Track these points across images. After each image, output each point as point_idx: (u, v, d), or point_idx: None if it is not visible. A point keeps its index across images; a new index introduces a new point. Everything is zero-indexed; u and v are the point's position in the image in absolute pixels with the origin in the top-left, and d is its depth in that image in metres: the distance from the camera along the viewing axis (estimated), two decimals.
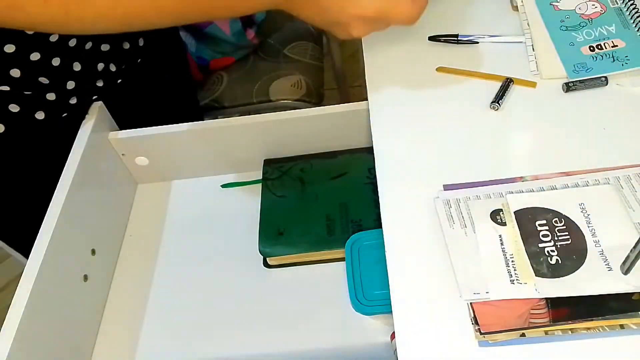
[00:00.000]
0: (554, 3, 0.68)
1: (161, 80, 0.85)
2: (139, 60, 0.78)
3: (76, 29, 0.52)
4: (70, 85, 0.68)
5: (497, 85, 0.63)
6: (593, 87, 0.59)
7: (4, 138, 0.68)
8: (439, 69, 0.66)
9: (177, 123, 0.74)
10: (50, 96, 0.68)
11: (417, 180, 0.55)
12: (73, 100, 0.70)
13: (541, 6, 0.68)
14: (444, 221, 0.51)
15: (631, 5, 0.65)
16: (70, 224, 0.62)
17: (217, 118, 1.17)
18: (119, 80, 0.75)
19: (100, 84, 0.73)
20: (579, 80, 0.59)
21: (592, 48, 0.62)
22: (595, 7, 0.65)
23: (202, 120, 1.01)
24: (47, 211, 0.61)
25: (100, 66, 0.71)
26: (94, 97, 0.73)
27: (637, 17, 0.63)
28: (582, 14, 0.65)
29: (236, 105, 1.20)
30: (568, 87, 0.59)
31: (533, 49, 0.64)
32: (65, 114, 0.70)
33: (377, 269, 0.59)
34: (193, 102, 1.02)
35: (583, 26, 0.64)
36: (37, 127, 0.69)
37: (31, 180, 0.74)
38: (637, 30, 0.63)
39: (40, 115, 0.68)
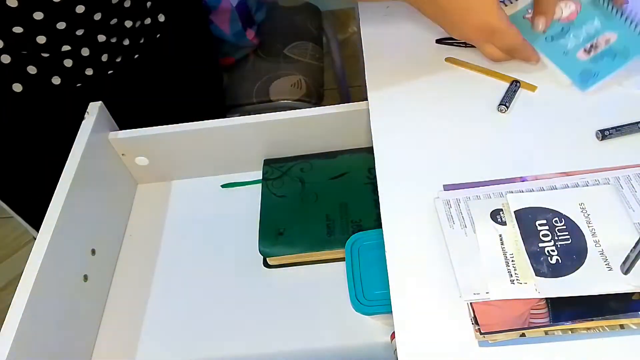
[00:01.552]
0: (526, 16, 0.64)
1: (183, 61, 0.86)
2: (157, 35, 0.79)
3: None
4: (86, 52, 0.70)
5: (497, 86, 0.63)
6: (630, 133, 0.55)
7: (22, 98, 0.70)
8: (447, 59, 0.66)
9: (200, 109, 0.76)
10: (68, 62, 0.69)
11: (417, 180, 0.55)
12: (89, 72, 0.71)
13: (516, 22, 0.61)
14: (444, 221, 0.51)
15: None
16: (70, 224, 0.62)
17: None
18: (136, 56, 0.76)
19: (118, 59, 0.74)
20: (614, 128, 0.55)
21: (587, 50, 0.60)
22: (570, 7, 0.62)
23: (225, 113, 1.02)
24: (48, 211, 0.61)
25: (120, 40, 0.72)
26: (110, 72, 0.74)
27: (614, 6, 0.60)
28: (559, 18, 0.63)
29: (236, 105, 1.20)
30: (604, 136, 0.54)
31: None
32: (80, 84, 0.72)
33: (377, 269, 0.59)
34: (218, 89, 1.03)
35: (567, 31, 0.62)
36: (52, 91, 0.71)
37: (39, 153, 0.76)
38: (622, 17, 0.59)
39: (56, 81, 0.70)
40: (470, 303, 0.45)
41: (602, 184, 0.51)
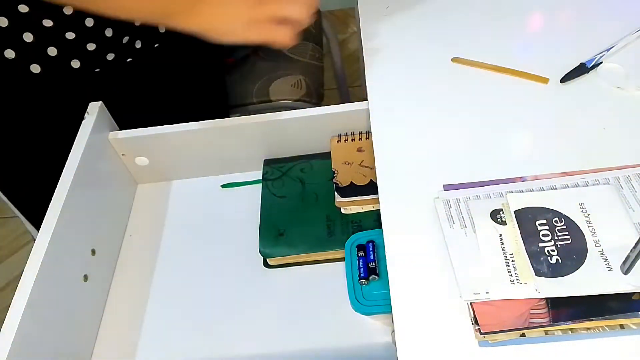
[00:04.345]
0: None
1: (194, 57, 0.87)
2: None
3: None
4: (109, 33, 0.70)
5: (498, 85, 0.63)
6: None
7: (40, 80, 0.70)
8: (454, 60, 0.66)
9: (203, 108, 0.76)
10: (90, 46, 0.69)
11: (417, 180, 0.55)
12: (110, 57, 0.72)
13: None
14: (444, 221, 0.51)
15: None
16: (70, 224, 0.62)
17: None
18: (156, 45, 0.77)
19: (138, 45, 0.74)
20: None
21: None
22: None
23: (229, 112, 1.02)
24: (48, 211, 0.61)
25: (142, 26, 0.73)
26: (129, 60, 0.75)
27: None
28: None
29: (236, 105, 1.20)
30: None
31: None
32: (98, 69, 0.73)
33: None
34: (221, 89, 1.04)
35: None
36: (70, 75, 0.71)
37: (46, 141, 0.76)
38: None
39: (75, 64, 0.70)
40: (470, 303, 0.45)
41: (602, 184, 0.51)
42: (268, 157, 0.77)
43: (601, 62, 0.62)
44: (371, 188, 0.66)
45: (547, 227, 0.48)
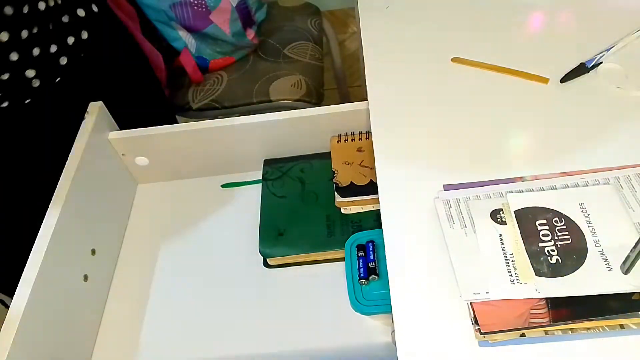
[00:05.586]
0: None
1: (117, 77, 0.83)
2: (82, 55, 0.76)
3: None
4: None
5: (499, 85, 0.63)
6: None
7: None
8: (454, 59, 0.66)
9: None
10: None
11: (417, 180, 0.55)
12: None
13: None
14: (444, 221, 0.51)
15: None
16: (70, 224, 0.62)
17: (217, 118, 1.17)
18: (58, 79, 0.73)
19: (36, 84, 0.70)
20: None
21: None
22: None
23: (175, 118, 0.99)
24: (48, 210, 0.61)
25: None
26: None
27: None
28: None
29: (236, 105, 1.20)
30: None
31: None
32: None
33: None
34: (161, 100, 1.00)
35: None
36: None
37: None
38: None
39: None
40: (470, 303, 0.45)
41: (602, 184, 0.51)
42: (268, 157, 0.77)
43: (601, 62, 0.62)
44: (371, 188, 0.66)
45: (547, 227, 0.48)
